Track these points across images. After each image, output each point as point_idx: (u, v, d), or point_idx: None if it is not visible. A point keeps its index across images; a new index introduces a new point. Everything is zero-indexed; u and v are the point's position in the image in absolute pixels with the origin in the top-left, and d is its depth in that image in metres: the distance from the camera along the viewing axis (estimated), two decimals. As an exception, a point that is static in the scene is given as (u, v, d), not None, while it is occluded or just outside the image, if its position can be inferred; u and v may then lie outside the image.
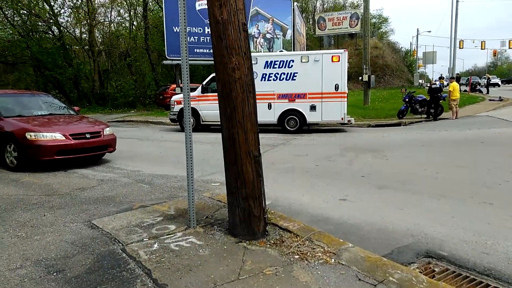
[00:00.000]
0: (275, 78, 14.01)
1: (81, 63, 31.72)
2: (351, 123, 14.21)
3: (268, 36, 24.47)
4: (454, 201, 5.22)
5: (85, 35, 32.99)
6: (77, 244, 3.82)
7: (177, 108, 15.13)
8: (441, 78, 47.24)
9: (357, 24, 46.23)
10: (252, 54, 15.10)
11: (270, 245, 3.71)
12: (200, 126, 14.93)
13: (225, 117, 3.81)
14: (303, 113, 13.80)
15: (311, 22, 55.93)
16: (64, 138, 7.60)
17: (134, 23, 35.02)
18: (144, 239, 3.86)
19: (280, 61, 13.90)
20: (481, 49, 53.49)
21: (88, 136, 8.01)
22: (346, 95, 13.71)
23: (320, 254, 3.47)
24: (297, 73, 13.70)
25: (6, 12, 28.15)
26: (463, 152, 8.74)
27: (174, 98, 15.73)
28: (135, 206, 5.11)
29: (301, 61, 13.71)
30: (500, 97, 24.76)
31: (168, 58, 22.00)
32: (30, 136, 7.39)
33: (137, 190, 6.10)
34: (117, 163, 8.54)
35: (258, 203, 3.88)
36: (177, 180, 6.87)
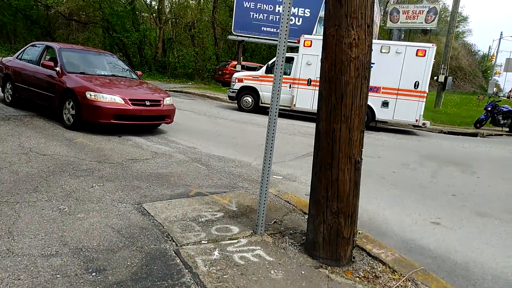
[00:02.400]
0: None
1: (148, 29, 31.95)
2: (425, 126, 12.76)
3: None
4: None
5: (154, 2, 33.19)
6: (124, 233, 3.19)
7: (237, 85, 14.45)
8: None
9: (433, 20, 42.78)
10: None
11: (360, 279, 2.85)
12: (258, 108, 14.18)
13: (327, 106, 2.94)
14: (373, 108, 12.53)
15: (382, 13, 52.78)
16: (123, 102, 7.13)
17: (203, -5, 34.69)
18: (203, 241, 3.15)
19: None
20: None
21: (147, 103, 7.49)
22: (425, 95, 12.26)
23: (433, 308, 2.56)
24: (373, 63, 12.36)
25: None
26: None
27: (236, 75, 15.02)
28: (191, 191, 4.44)
29: (381, 51, 12.38)
30: None
31: (234, 33, 21.32)
32: (90, 95, 6.97)
33: (193, 170, 5.46)
34: (173, 135, 8.00)
35: (350, 222, 3.02)
36: (235, 165, 6.16)
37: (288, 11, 3.17)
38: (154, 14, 33.11)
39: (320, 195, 3.02)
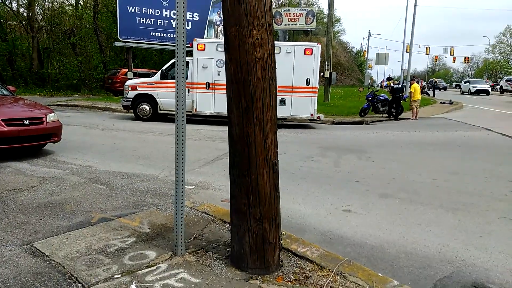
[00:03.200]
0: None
1: (17, 39, 28.23)
2: (320, 119, 13.61)
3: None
4: (472, 216, 4.62)
5: (23, 9, 29.48)
6: (12, 285, 2.60)
7: (131, 94, 13.57)
8: (389, 79, 48.88)
9: (312, 21, 46.31)
10: (219, 40, 13.98)
11: (292, 283, 2.77)
12: (156, 115, 13.54)
13: (238, 110, 2.78)
14: (272, 106, 12.90)
15: (267, 16, 55.16)
16: (-6, 123, 6.05)
17: (80, 1, 31.95)
18: (115, 276, 2.74)
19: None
20: (426, 54, 56.12)
21: (26, 122, 6.48)
22: (317, 90, 13.06)
23: (364, 298, 2.59)
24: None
25: None
26: (447, 157, 8.37)
27: (129, 83, 14.10)
28: (93, 218, 3.90)
29: (272, 51, 12.78)
30: (450, 100, 25.75)
31: (121, 39, 20.05)
32: None
33: (92, 193, 4.85)
34: (62, 155, 7.09)
35: (274, 226, 2.92)
36: (140, 180, 5.68)
37: (183, 13, 2.93)
38: (24, 22, 29.41)
39: (241, 203, 2.85)
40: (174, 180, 5.69)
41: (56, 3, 31.44)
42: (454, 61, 65.61)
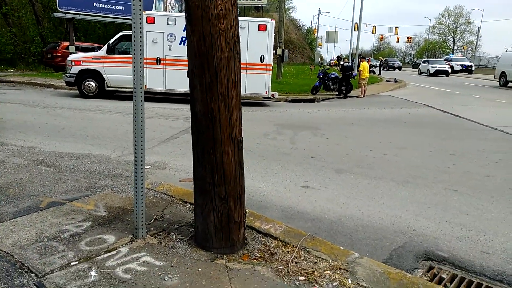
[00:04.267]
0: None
1: None
2: (274, 97, 13.65)
3: (179, -3, 22.35)
4: (420, 188, 4.90)
5: None
6: (-47, 278, 2.36)
7: (75, 69, 12.71)
8: (338, 58, 50.05)
9: (264, -3, 45.97)
10: (170, 14, 13.56)
11: (258, 261, 2.77)
12: (104, 92, 12.84)
13: (202, 85, 2.66)
14: (225, 84, 12.70)
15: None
16: None
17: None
18: (72, 263, 2.57)
19: (202, 24, 12.48)
20: (373, 33, 57.88)
21: (-44, 99, 5.83)
22: (271, 67, 13.03)
23: (328, 271, 2.66)
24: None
25: None
26: (395, 132, 8.78)
27: (72, 57, 13.17)
28: (42, 202, 3.63)
29: (225, 27, 12.48)
30: (395, 78, 26.93)
31: (60, 10, 18.53)
32: None
33: (38, 176, 4.51)
34: (1, 136, 6.52)
35: (239, 204, 2.89)
36: (91, 161, 5.39)
37: (140, -22, 2.72)
38: None
39: (206, 182, 2.78)
40: (127, 161, 5.50)
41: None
42: (398, 40, 68.55)
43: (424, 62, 43.31)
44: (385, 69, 43.28)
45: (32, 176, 4.47)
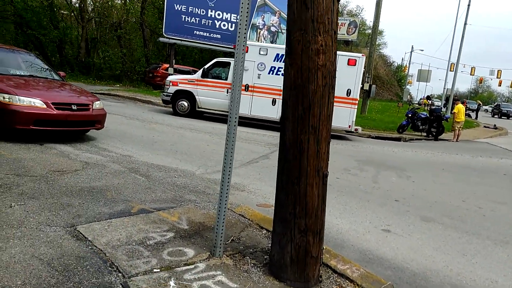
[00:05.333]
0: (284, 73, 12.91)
1: (68, 28, 29.53)
2: (357, 131, 13.33)
3: (272, 29, 23.28)
4: (522, 251, 4.32)
5: (75, 0, 30.80)
6: (56, 266, 2.64)
7: (172, 89, 13.82)
8: (428, 98, 47.22)
9: (354, 32, 45.87)
10: (262, 44, 14.06)
11: (332, 301, 2.66)
12: (194, 112, 13.72)
13: (294, 116, 2.71)
14: (309, 114, 12.75)
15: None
16: (45, 106, 6.27)
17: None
18: (155, 270, 2.73)
19: (293, 55, 12.82)
20: (471, 74, 53.83)
21: (74, 107, 6.69)
22: (357, 102, 12.81)
23: (409, 328, 2.44)
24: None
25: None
26: (492, 185, 7.95)
27: (170, 78, 14.38)
28: (133, 208, 3.94)
29: (315, 59, 12.65)
30: (495, 125, 24.62)
31: (165, 36, 20.50)
32: (4, 98, 6.03)
33: (132, 183, 4.92)
34: (104, 142, 7.27)
35: (318, 239, 2.82)
36: (178, 175, 5.72)
37: (247, 16, 2.91)
38: (75, 12, 30.71)
39: (287, 212, 2.78)
40: (210, 179, 5.74)
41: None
42: (500, 84, 62.82)
43: None
44: (497, 116, 38.25)
45: (127, 183, 4.88)
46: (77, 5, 30.37)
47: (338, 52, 11.70)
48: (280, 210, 2.84)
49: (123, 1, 32.73)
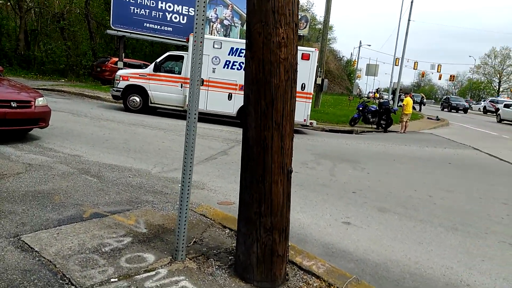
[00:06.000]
0: (239, 68, 12.78)
1: (4, 18, 27.33)
2: (312, 125, 13.54)
3: (225, 22, 23.01)
4: (472, 237, 4.57)
5: (12, -14, 28.50)
6: (-2, 283, 2.37)
7: (122, 84, 13.20)
8: (376, 91, 49.36)
9: (305, 27, 46.52)
10: (217, 37, 13.95)
11: (299, 299, 2.62)
12: (147, 108, 13.23)
13: (256, 112, 2.62)
14: (265, 109, 12.74)
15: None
16: (-20, 103, 5.71)
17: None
18: (112, 279, 2.53)
19: (247, 50, 12.71)
20: (414, 69, 56.80)
21: (13, 104, 6.14)
22: (311, 96, 13.01)
23: (376, 321, 2.46)
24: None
25: None
26: (439, 174, 8.39)
27: (120, 72, 13.75)
28: (86, 212, 3.67)
29: (269, 53, 12.64)
30: (437, 116, 26.14)
31: (113, 28, 19.54)
32: None
33: (82, 185, 4.60)
34: (49, 142, 6.77)
35: (284, 237, 2.77)
36: (132, 174, 5.45)
37: (204, 7, 2.76)
38: (11, 1, 28.45)
39: (252, 211, 2.69)
40: (167, 177, 5.52)
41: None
42: (440, 78, 66.86)
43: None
44: (446, 109, 39.90)
45: (77, 185, 4.56)
46: (13, -8, 28.16)
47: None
48: (245, 209, 2.75)
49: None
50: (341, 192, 5.94)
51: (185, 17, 21.14)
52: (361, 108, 17.90)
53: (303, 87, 12.70)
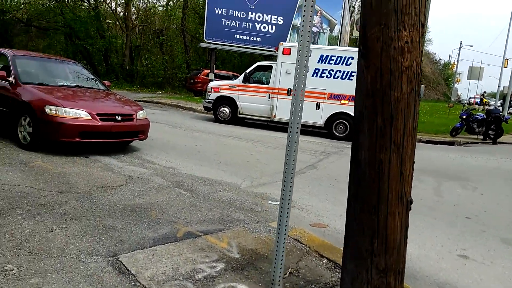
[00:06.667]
0: (328, 75, 12.35)
1: (114, 36, 30.55)
2: (409, 137, 12.43)
3: (314, 29, 22.58)
4: None
5: (120, 8, 31.84)
6: (96, 307, 2.32)
7: (213, 95, 13.63)
8: (483, 96, 44.08)
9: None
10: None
11: None
12: (235, 119, 13.44)
13: (371, 130, 2.23)
14: (356, 118, 12.04)
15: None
16: (90, 117, 6.17)
17: (170, 2, 33.59)
18: (205, 314, 2.34)
19: (338, 57, 12.21)
20: (527, 71, 50.06)
21: (118, 118, 6.55)
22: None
23: None
24: (355, 72, 11.85)
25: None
26: None
27: (212, 84, 14.22)
28: (179, 231, 3.60)
29: (361, 60, 11.95)
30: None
31: (206, 41, 20.48)
32: (50, 110, 5.98)
33: (176, 199, 4.62)
34: (148, 154, 7.09)
35: (400, 280, 2.32)
36: (223, 189, 5.38)
37: (311, 11, 2.47)
38: (120, 21, 31.72)
39: (361, 247, 2.30)
40: (256, 193, 5.32)
41: (149, 4, 33.52)
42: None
43: None
44: None
45: (171, 199, 4.59)
46: (121, 13, 31.38)
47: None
48: (353, 244, 2.37)
49: (164, 8, 33.42)
50: (451, 217, 5.16)
51: (274, 26, 21.33)
52: (464, 117, 16.04)
53: (398, 95, 11.76)
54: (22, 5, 27.85)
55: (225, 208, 4.51)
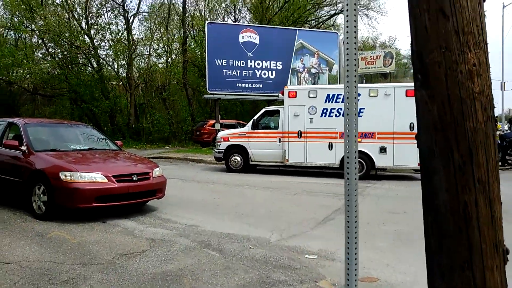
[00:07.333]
0: (337, 114, 12.21)
1: (118, 96, 31.20)
2: (428, 168, 12.06)
3: (313, 71, 23.03)
4: None
5: (122, 69, 32.79)
6: None
7: (223, 145, 13.47)
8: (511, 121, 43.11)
9: (391, 63, 44.70)
10: (311, 86, 13.45)
11: None
12: (247, 167, 13.17)
13: (447, 168, 1.93)
14: (371, 156, 11.75)
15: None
16: (106, 180, 5.92)
17: (169, 59, 34.64)
18: None
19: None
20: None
21: (134, 178, 6.30)
22: (423, 136, 11.69)
23: None
24: (363, 108, 11.75)
25: (48, 45, 28.25)
26: None
27: (221, 134, 14.11)
28: (219, 301, 3.21)
29: (369, 95, 11.90)
30: None
31: (209, 92, 20.75)
32: (65, 176, 5.75)
33: (207, 262, 4.23)
34: (166, 212, 6.76)
35: None
36: (252, 244, 4.98)
37: (355, 51, 2.28)
38: (123, 81, 32.55)
39: (456, 311, 1.92)
40: (289, 247, 4.88)
41: (150, 62, 34.56)
42: None
43: None
44: None
45: (201, 262, 4.21)
46: (124, 74, 32.24)
47: (393, 84, 10.89)
48: (443, 307, 1.99)
49: (165, 65, 34.39)
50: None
51: (274, 72, 21.72)
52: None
53: (411, 127, 11.56)
54: (27, 75, 28.70)
55: (261, 268, 4.11)
